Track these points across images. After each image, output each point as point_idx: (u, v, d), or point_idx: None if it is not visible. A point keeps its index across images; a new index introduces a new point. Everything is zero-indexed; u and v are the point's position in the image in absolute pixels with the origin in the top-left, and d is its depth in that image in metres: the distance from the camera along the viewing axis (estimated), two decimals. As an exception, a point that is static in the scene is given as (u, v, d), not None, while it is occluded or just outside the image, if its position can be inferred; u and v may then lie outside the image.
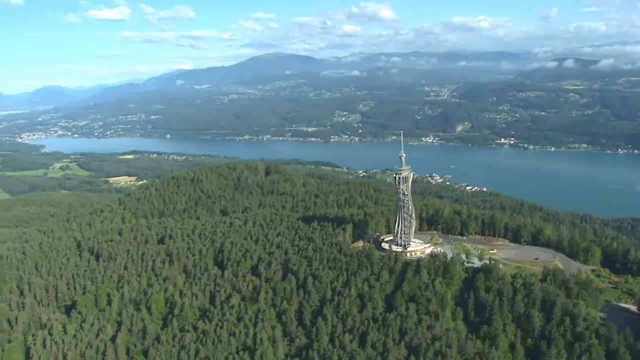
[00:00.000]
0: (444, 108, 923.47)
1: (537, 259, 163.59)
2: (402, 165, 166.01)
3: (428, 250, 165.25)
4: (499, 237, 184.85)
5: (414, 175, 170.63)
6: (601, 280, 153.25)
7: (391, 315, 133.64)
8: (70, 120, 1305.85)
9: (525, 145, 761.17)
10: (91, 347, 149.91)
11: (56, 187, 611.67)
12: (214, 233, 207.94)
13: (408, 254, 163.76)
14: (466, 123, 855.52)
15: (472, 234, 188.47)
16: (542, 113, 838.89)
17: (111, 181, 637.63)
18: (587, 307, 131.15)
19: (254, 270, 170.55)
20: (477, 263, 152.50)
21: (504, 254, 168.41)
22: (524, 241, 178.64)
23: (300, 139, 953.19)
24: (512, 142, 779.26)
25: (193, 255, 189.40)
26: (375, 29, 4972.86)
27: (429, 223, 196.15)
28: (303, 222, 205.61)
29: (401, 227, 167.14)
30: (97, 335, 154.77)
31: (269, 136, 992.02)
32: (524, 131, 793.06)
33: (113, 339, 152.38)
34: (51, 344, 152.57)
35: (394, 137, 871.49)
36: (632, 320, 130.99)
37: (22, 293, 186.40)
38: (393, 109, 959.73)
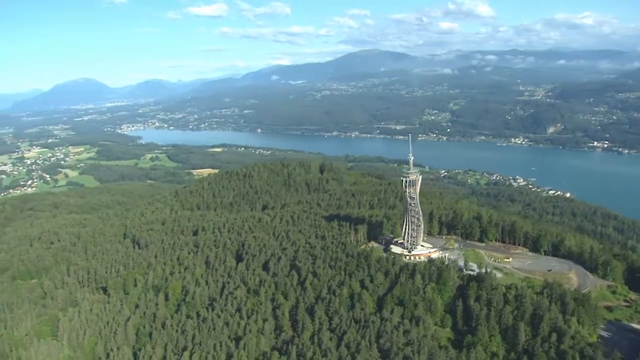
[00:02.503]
0: (536, 108, 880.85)
1: (550, 270, 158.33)
2: (410, 168, 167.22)
3: (434, 255, 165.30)
4: (518, 245, 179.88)
5: (495, 176, 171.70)
6: (616, 298, 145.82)
7: (373, 317, 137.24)
8: (168, 113, 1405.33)
9: (620, 150, 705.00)
10: (108, 326, 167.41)
11: (142, 177, 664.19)
12: (241, 227, 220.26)
13: (412, 258, 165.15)
14: (558, 124, 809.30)
15: (491, 240, 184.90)
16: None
17: (194, 173, 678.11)
18: (581, 324, 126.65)
19: (265, 265, 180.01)
20: (476, 271, 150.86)
21: (517, 263, 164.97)
22: (544, 251, 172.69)
23: (388, 136, 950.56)
24: (605, 145, 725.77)
25: (217, 248, 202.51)
26: (473, 26, 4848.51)
27: (448, 228, 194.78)
28: (326, 220, 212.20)
29: (408, 230, 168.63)
30: (115, 316, 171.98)
31: (357, 133, 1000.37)
32: (619, 134, 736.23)
33: (128, 320, 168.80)
34: (76, 320, 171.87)
35: (483, 137, 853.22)
36: (637, 342, 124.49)
37: (68, 273, 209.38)
38: (483, 109, 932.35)
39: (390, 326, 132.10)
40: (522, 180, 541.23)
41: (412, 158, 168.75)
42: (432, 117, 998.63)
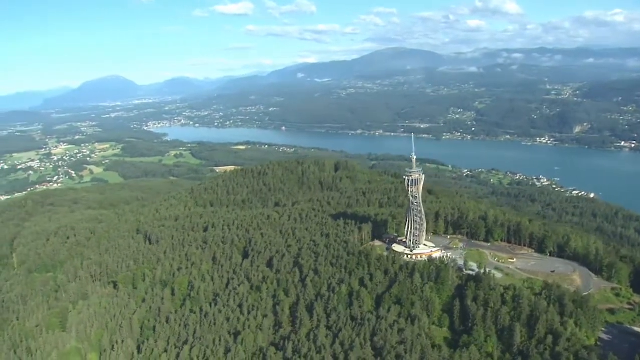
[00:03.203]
0: (563, 107, 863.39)
1: (553, 271, 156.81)
2: (412, 167, 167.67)
3: (436, 254, 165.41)
4: (524, 246, 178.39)
5: (518, 176, 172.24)
6: (619, 300, 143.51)
7: (369, 316, 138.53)
8: (194, 110, 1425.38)
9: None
10: (114, 319, 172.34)
11: (165, 174, 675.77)
12: (250, 224, 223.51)
13: (413, 257, 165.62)
14: (585, 124, 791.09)
15: (497, 241, 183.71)
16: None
17: (217, 170, 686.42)
18: (578, 326, 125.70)
19: (269, 262, 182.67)
20: (475, 271, 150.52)
21: (521, 264, 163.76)
22: (549, 252, 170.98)
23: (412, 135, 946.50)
24: (633, 145, 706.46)
25: (224, 244, 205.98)
26: (500, 24, 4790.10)
27: (454, 227, 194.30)
28: (333, 218, 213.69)
29: (410, 229, 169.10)
30: (122, 310, 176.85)
31: (381, 131, 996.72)
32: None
33: (134, 314, 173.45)
34: (85, 313, 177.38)
35: (508, 136, 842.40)
36: (638, 345, 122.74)
37: (81, 267, 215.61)
38: (509, 107, 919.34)
39: (386, 324, 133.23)
40: (545, 180, 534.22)
41: (414, 157, 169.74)
42: (457, 116, 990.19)
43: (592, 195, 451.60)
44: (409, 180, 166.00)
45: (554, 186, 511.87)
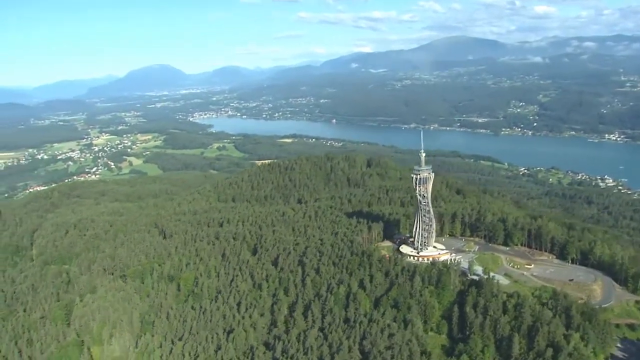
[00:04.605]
0: (637, 101, 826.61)
1: (571, 280, 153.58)
2: (421, 165, 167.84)
3: (444, 257, 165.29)
4: (545, 251, 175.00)
5: (580, 176, 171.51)
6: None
7: (361, 319, 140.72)
8: (242, 101, 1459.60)
9: None
10: (116, 313, 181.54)
11: (205, 167, 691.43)
12: (263, 221, 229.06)
13: (419, 258, 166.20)
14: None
15: (517, 245, 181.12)
16: None
17: (259, 164, 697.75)
18: (585, 341, 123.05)
19: (275, 260, 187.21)
20: (480, 276, 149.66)
21: (538, 271, 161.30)
22: (572, 259, 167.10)
23: (469, 130, 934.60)
24: None
25: (235, 240, 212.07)
26: (572, 10, 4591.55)
27: (472, 229, 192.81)
28: (347, 217, 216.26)
29: (419, 230, 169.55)
30: (125, 304, 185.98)
31: (436, 125, 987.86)
32: None
33: (135, 308, 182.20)
34: (89, 306, 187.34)
35: (573, 132, 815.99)
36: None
37: (95, 260, 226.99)
38: (576, 101, 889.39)
39: (377, 328, 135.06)
40: (611, 180, 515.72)
41: (423, 154, 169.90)
42: (518, 110, 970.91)
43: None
44: (416, 178, 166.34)
45: (620, 187, 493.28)
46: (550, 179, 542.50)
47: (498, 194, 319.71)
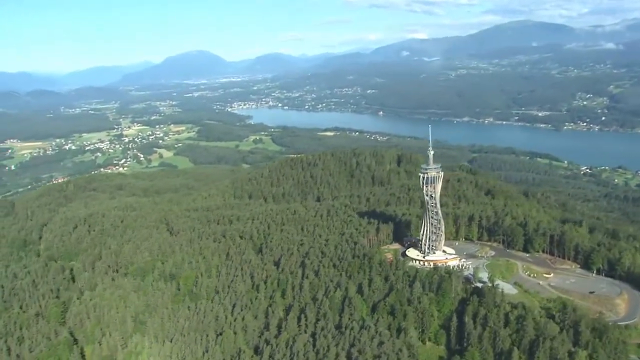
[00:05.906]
0: None
1: (592, 292, 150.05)
2: (429, 164, 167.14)
3: (452, 263, 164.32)
4: (568, 259, 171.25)
5: None
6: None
7: (353, 325, 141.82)
8: (284, 91, 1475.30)
9: None
10: (110, 311, 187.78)
11: (238, 161, 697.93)
12: (273, 219, 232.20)
13: (424, 263, 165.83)
14: None
15: (537, 251, 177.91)
16: None
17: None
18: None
19: (278, 260, 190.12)
20: (487, 283, 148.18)
21: (557, 281, 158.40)
22: (597, 269, 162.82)
23: (528, 124, 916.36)
24: None
25: (241, 239, 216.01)
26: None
27: (489, 233, 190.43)
28: (359, 216, 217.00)
29: (427, 232, 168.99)
30: (121, 302, 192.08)
31: (491, 119, 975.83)
32: None
33: (129, 307, 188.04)
34: (85, 304, 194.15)
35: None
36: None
37: (100, 257, 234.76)
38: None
39: (367, 336, 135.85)
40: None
41: (432, 152, 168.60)
42: (585, 103, 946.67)
43: None
44: (424, 178, 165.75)
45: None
46: (616, 180, 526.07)
47: (542, 195, 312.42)
